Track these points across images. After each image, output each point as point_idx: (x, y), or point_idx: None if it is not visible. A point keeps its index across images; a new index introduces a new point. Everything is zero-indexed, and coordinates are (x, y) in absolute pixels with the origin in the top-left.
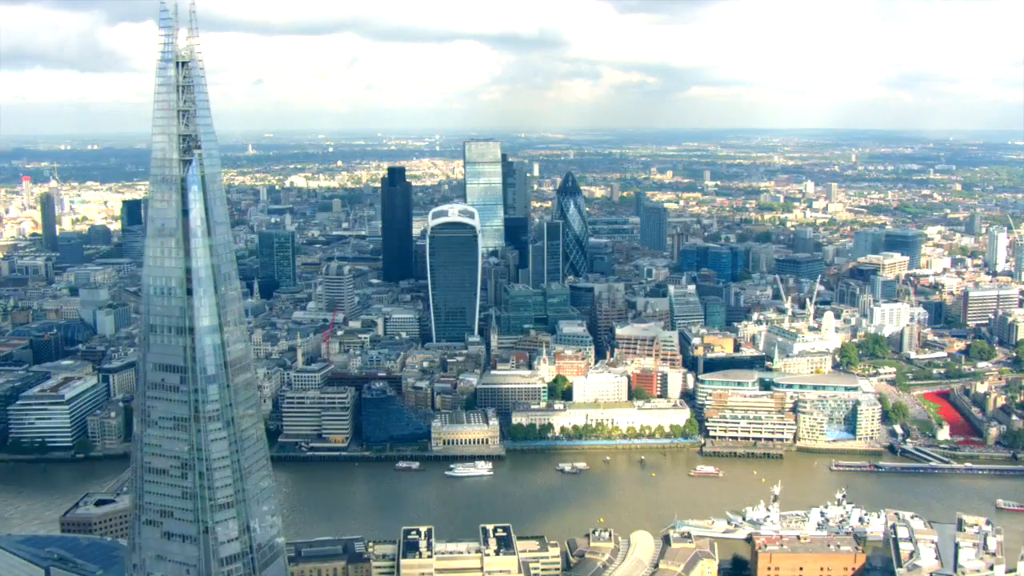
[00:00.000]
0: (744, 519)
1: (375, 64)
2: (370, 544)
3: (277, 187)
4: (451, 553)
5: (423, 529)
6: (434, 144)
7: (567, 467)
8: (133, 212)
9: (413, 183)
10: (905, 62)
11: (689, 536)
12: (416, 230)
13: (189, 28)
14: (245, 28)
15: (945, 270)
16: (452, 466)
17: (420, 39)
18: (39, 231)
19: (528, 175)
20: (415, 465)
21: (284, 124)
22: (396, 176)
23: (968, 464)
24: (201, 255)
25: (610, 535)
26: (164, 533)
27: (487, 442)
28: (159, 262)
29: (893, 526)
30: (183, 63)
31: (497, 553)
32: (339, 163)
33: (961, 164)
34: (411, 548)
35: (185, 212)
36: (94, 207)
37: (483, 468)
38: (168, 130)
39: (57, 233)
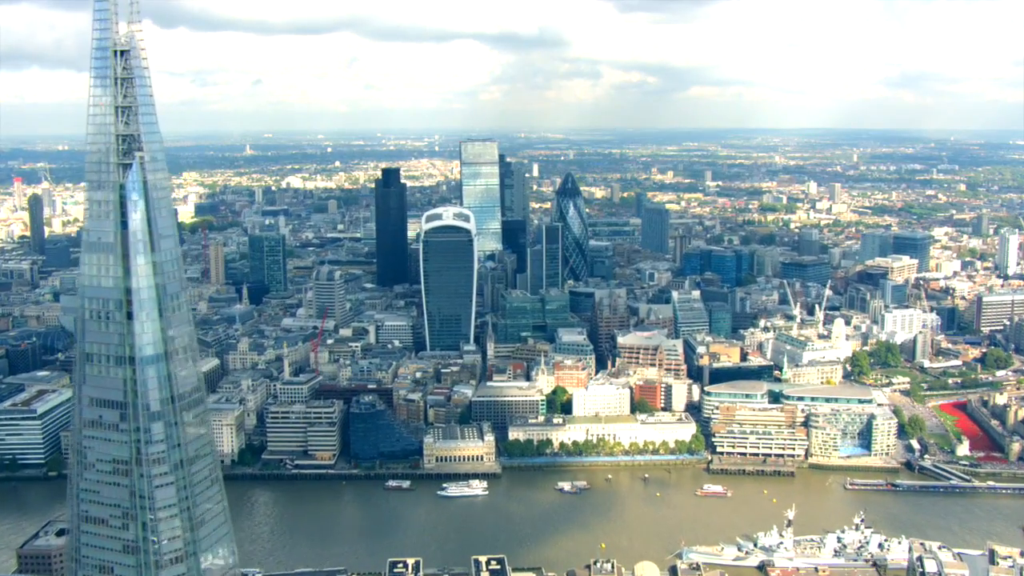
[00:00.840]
0: (756, 545)
1: (374, 64)
2: None
3: (274, 188)
4: None
5: (410, 561)
6: (433, 144)
7: (567, 486)
8: None
9: (411, 184)
10: (906, 62)
11: (698, 567)
12: (412, 232)
13: (130, 14)
14: (243, 28)
15: (955, 273)
16: (444, 485)
17: (419, 39)
18: (28, 233)
19: (527, 176)
20: (406, 484)
21: (283, 124)
22: (390, 177)
23: (990, 482)
24: (143, 273)
25: (612, 566)
26: None
27: (482, 459)
28: (95, 281)
29: (920, 558)
30: (121, 52)
31: None
32: (337, 163)
33: (964, 164)
34: None
35: (124, 224)
36: None
37: (477, 488)
38: (105, 129)
39: (46, 235)
